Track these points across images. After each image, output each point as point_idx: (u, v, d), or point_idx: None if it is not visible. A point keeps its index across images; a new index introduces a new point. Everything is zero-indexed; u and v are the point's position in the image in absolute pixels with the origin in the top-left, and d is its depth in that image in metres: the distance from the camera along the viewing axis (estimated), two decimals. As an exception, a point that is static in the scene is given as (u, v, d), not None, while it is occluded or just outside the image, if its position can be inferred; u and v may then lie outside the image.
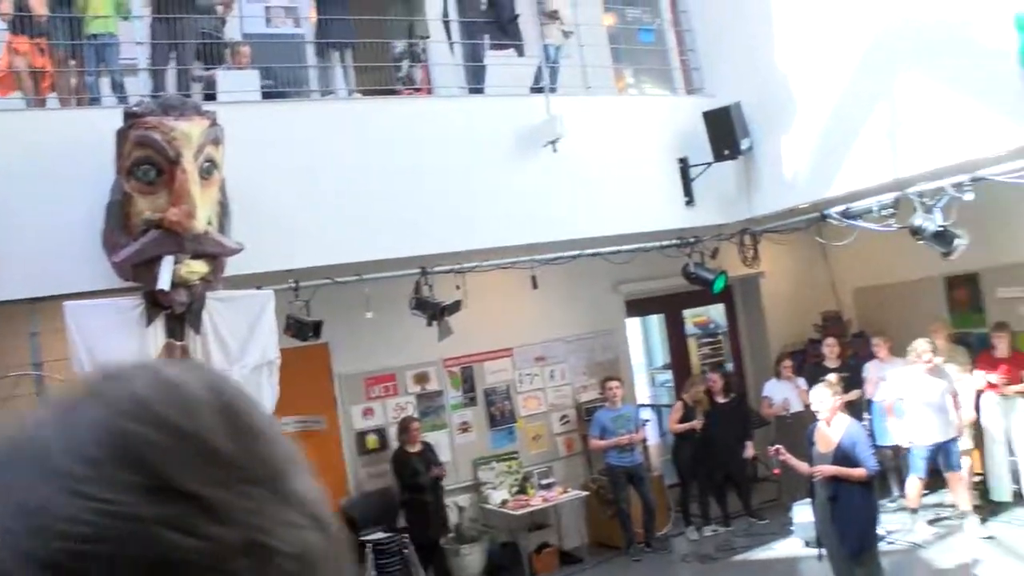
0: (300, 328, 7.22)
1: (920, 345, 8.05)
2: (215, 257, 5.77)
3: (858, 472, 5.79)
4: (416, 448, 8.57)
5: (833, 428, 6.02)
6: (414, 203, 7.21)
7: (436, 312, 7.72)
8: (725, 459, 9.39)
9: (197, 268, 5.57)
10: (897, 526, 8.42)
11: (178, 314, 5.68)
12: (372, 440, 8.87)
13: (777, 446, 6.24)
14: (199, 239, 5.48)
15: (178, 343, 5.68)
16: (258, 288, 5.98)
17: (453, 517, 8.87)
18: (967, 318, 9.94)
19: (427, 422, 9.04)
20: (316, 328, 7.30)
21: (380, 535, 8.35)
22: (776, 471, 6.10)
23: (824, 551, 6.13)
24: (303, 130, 6.98)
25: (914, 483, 8.27)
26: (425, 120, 7.52)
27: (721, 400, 9.55)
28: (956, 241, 7.19)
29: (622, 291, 10.38)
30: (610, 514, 9.24)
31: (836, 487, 5.85)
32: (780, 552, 8.42)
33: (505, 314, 9.55)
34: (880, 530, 6.70)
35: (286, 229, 6.67)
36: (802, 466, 6.13)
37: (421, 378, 9.15)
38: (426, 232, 7.26)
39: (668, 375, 16.96)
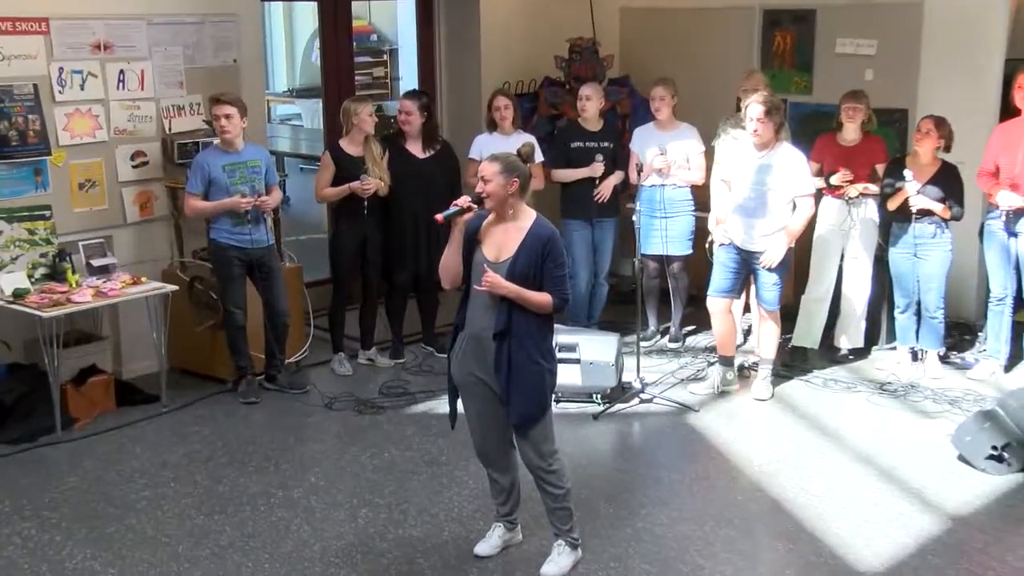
0: None
1: (754, 105, 5.44)
2: None
3: (541, 298, 3.87)
4: None
5: (516, 227, 3.94)
6: None
7: None
8: (415, 248, 6.22)
9: None
10: (655, 377, 6.02)
11: None
12: None
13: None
14: None
15: None
16: None
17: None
18: (786, 78, 7.40)
19: None
20: None
21: None
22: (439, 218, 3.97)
23: (464, 413, 4.04)
24: None
25: (717, 311, 5.76)
26: None
27: (420, 153, 6.24)
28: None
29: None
30: (210, 324, 5.98)
31: (509, 316, 3.88)
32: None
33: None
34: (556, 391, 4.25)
35: None
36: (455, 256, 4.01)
37: None
38: None
39: (295, 108, 12.81)
